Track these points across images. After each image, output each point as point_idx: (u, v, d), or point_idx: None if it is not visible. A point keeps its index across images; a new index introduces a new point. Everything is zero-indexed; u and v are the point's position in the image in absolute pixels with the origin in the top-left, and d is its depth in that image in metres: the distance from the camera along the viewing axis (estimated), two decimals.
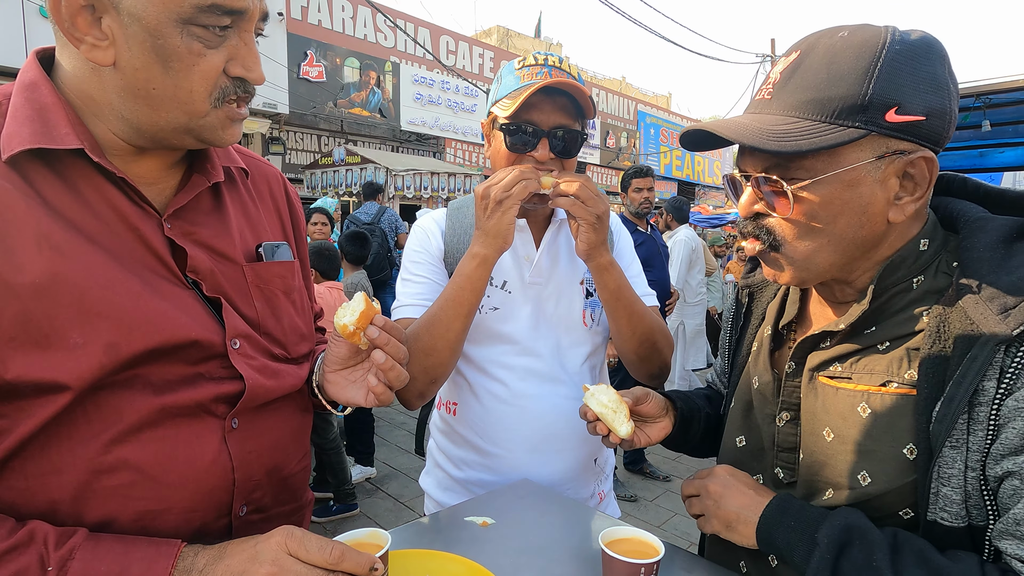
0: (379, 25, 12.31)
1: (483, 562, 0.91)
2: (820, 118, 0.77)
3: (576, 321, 1.38)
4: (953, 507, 0.73)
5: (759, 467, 0.97)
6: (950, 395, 0.73)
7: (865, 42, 0.76)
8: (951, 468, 0.73)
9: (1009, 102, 3.84)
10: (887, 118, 0.75)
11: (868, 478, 0.80)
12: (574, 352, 1.37)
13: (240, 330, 0.86)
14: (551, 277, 1.37)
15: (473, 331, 1.32)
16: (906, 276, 0.83)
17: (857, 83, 0.75)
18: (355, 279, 4.25)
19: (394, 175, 9.08)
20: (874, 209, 0.80)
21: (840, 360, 0.86)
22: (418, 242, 1.39)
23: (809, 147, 0.75)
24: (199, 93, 0.75)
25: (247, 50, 0.77)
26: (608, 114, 18.47)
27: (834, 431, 0.84)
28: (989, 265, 0.76)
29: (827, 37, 0.79)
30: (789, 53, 0.82)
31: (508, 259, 1.35)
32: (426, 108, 13.19)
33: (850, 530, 0.77)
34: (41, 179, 0.74)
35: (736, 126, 0.80)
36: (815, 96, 0.77)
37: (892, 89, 0.74)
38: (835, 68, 0.76)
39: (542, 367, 1.33)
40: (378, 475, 4.27)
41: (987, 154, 5.50)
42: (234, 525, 0.86)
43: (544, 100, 1.21)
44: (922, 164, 0.78)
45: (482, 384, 1.33)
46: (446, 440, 1.41)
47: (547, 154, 1.23)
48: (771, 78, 0.83)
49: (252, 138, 10.71)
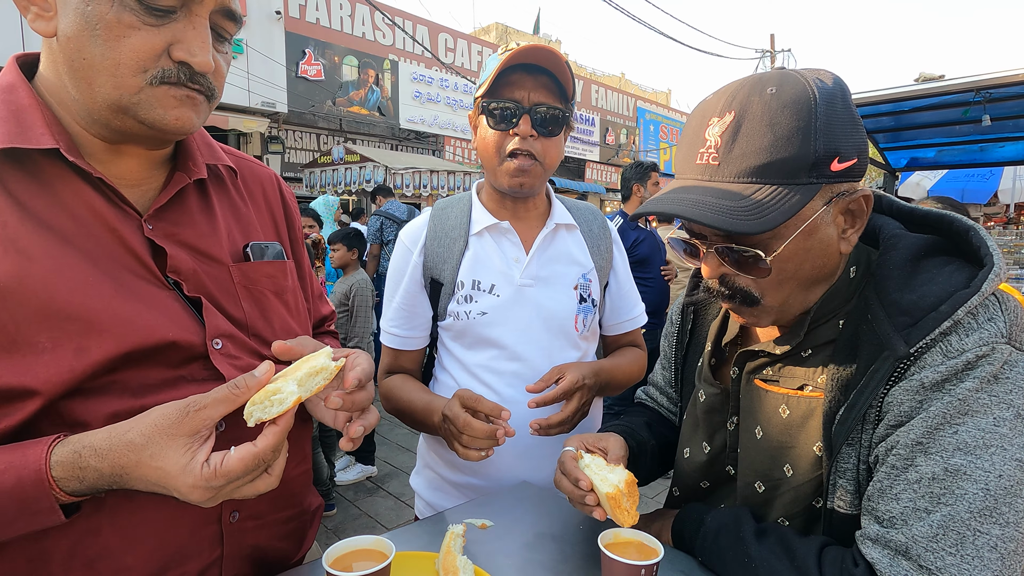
0: (377, 23, 12.28)
1: (483, 564, 0.91)
2: (777, 181, 0.79)
3: (568, 327, 1.36)
4: (847, 496, 0.83)
5: (715, 468, 1.04)
6: (852, 402, 0.81)
7: (798, 99, 0.78)
8: (846, 463, 0.83)
9: (1009, 96, 3.83)
10: (832, 168, 0.79)
11: (791, 470, 0.89)
12: (564, 357, 1.36)
13: (223, 330, 0.85)
14: (543, 280, 1.35)
15: (461, 335, 1.34)
16: (841, 304, 0.89)
17: (804, 143, 0.77)
18: (361, 277, 4.17)
19: (393, 173, 9.06)
20: (831, 248, 0.85)
21: (772, 364, 0.94)
22: (397, 260, 1.41)
23: (783, 217, 0.77)
24: (127, 67, 0.72)
25: (194, 35, 0.75)
26: (607, 111, 18.44)
27: (763, 429, 0.93)
28: (896, 283, 0.82)
29: (757, 95, 0.80)
30: (722, 114, 0.82)
31: (496, 260, 1.33)
32: (425, 106, 13.17)
33: (728, 515, 0.92)
34: (15, 181, 0.73)
35: (708, 208, 0.79)
36: (767, 160, 0.78)
37: (831, 140, 0.78)
38: (779, 130, 0.78)
39: (531, 373, 1.31)
40: (379, 474, 4.28)
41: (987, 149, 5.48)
42: (225, 532, 0.84)
43: (525, 77, 1.22)
44: (861, 200, 0.84)
45: (471, 388, 1.31)
46: (436, 442, 1.40)
47: (529, 129, 1.23)
48: (709, 141, 0.83)
49: (251, 137, 10.70)
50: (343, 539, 0.81)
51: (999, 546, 0.69)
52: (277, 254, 0.98)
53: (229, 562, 0.85)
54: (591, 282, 1.41)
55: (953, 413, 0.72)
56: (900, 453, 0.75)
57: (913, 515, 0.73)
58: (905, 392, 0.76)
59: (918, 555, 0.71)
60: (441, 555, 0.88)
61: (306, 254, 1.12)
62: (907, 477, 0.74)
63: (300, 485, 0.98)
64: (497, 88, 1.24)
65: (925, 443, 0.73)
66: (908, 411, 0.76)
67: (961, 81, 3.86)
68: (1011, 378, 0.72)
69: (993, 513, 0.69)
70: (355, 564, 0.78)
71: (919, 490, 0.73)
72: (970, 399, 0.72)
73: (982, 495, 0.70)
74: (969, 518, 0.70)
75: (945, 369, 0.73)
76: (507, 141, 1.26)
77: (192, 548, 0.81)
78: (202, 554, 0.82)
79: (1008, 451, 0.70)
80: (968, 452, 0.71)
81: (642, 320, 1.56)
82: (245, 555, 0.88)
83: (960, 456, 0.71)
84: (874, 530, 0.76)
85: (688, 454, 1.08)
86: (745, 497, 0.95)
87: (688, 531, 0.98)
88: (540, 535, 1.05)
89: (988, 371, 0.72)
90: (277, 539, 0.94)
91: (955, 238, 0.85)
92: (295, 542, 0.99)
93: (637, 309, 1.55)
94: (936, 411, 0.73)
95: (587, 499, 0.94)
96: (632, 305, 1.54)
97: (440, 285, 1.34)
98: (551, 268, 1.37)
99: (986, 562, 0.69)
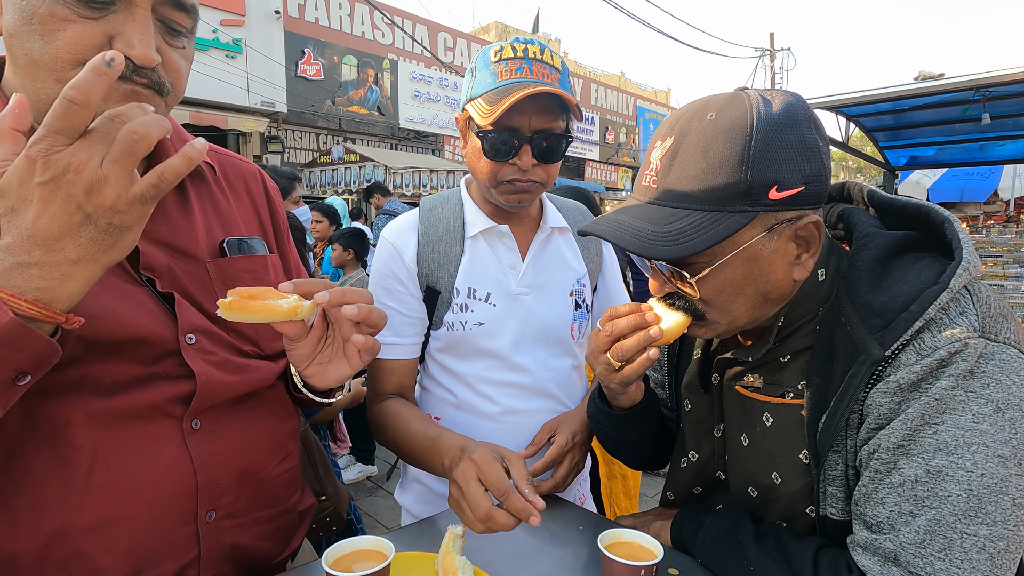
0: (376, 22, 12.27)
1: (482, 565, 0.91)
2: (707, 207, 0.78)
3: (564, 335, 1.33)
4: (838, 503, 0.82)
5: (705, 475, 1.04)
6: (833, 409, 0.80)
7: (733, 126, 0.76)
8: (834, 470, 0.82)
9: (1009, 95, 3.83)
10: (770, 196, 0.77)
11: (779, 478, 0.88)
12: (560, 364, 1.33)
13: (197, 325, 0.85)
14: (539, 287, 1.31)
15: (457, 347, 1.28)
16: (812, 308, 0.86)
17: (735, 171, 0.76)
18: (360, 277, 4.13)
19: (393, 173, 9.07)
20: (777, 274, 0.83)
21: (751, 372, 0.93)
22: (384, 263, 1.28)
23: (704, 245, 0.76)
24: (63, 61, 0.72)
25: (134, 27, 0.73)
26: (607, 110, 18.44)
27: (748, 437, 0.92)
28: (867, 284, 0.80)
29: (697, 121, 0.79)
30: (664, 138, 0.82)
31: (491, 268, 1.28)
32: (424, 105, 13.16)
33: (727, 517, 0.92)
34: None
35: (630, 232, 0.80)
36: (698, 187, 0.78)
37: (768, 169, 0.76)
38: (711, 157, 0.77)
39: (529, 381, 1.29)
40: (379, 473, 4.28)
41: (987, 147, 5.48)
42: (201, 532, 0.84)
43: (525, 103, 1.13)
44: (811, 227, 0.81)
45: (467, 399, 1.28)
46: None
47: (530, 160, 1.17)
48: (652, 163, 0.84)
49: (250, 137, 10.69)
50: (343, 539, 0.81)
51: (987, 546, 0.68)
52: (258, 248, 0.98)
53: (207, 562, 0.85)
54: (585, 287, 1.38)
55: (931, 413, 0.71)
56: (882, 457, 0.74)
57: (899, 520, 0.72)
58: (883, 394, 0.75)
59: (907, 561, 0.70)
60: (440, 556, 0.88)
61: (293, 248, 1.11)
62: (891, 481, 0.74)
63: (283, 484, 0.97)
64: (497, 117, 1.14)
65: (906, 445, 0.72)
66: (888, 413, 0.75)
67: (961, 79, 3.86)
68: (987, 371, 0.70)
69: (979, 513, 0.68)
70: (355, 565, 0.78)
71: (903, 494, 0.72)
72: (947, 397, 0.71)
73: (965, 496, 0.69)
74: (954, 520, 0.69)
75: (920, 368, 0.72)
76: (505, 169, 1.18)
77: (168, 549, 0.80)
78: (178, 555, 0.82)
79: (990, 448, 0.69)
80: (949, 452, 0.70)
81: None
82: (224, 555, 0.87)
83: (941, 457, 0.70)
84: (864, 536, 0.76)
85: (682, 463, 1.08)
86: (741, 502, 0.95)
87: (687, 533, 0.98)
88: (539, 535, 1.05)
89: (963, 367, 0.70)
90: (258, 538, 0.93)
91: (932, 230, 0.84)
92: (279, 542, 0.98)
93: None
94: (914, 412, 0.72)
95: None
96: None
97: (437, 293, 1.26)
98: (547, 275, 1.32)
99: (975, 564, 0.68)
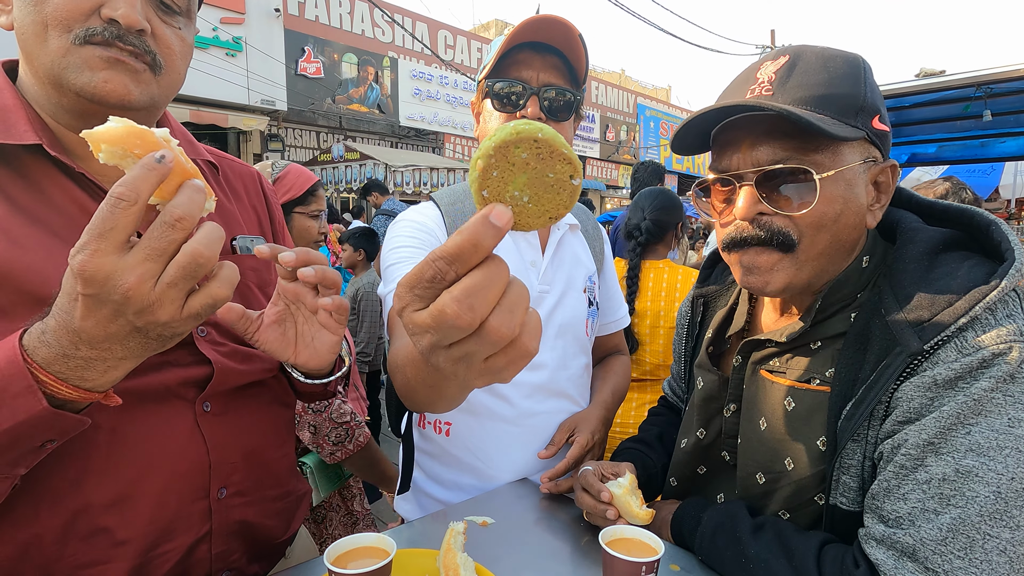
0: (376, 20, 12.24)
1: (484, 562, 0.91)
2: (830, 113, 0.79)
3: (580, 332, 1.32)
4: (850, 493, 0.82)
5: (711, 454, 1.05)
6: (860, 398, 0.79)
7: (847, 54, 0.81)
8: (851, 459, 0.81)
9: (1010, 91, 3.82)
10: (873, 124, 0.79)
11: (792, 464, 0.88)
12: (576, 363, 1.33)
13: (207, 319, 0.86)
14: (558, 285, 1.30)
15: None
16: (851, 293, 0.86)
17: (855, 85, 0.79)
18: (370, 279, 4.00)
19: (393, 171, 9.06)
20: (861, 212, 0.84)
21: (779, 356, 0.93)
22: (415, 230, 1.21)
23: (841, 133, 0.76)
24: (53, 27, 0.73)
25: None
26: (607, 107, 18.39)
27: (767, 421, 0.92)
28: (912, 276, 0.80)
29: (809, 46, 0.84)
30: (776, 57, 0.84)
31: (514, 265, 1.24)
32: (424, 103, 13.13)
33: (724, 513, 0.92)
34: (3, 177, 0.75)
35: (754, 104, 0.79)
36: (823, 92, 0.79)
37: (875, 98, 0.80)
38: (832, 70, 0.80)
39: (548, 381, 1.27)
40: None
41: (988, 144, 5.47)
42: (213, 508, 0.87)
43: (533, 56, 1.13)
44: (889, 172, 0.85)
45: (482, 403, 1.25)
46: (435, 462, 1.31)
47: (537, 111, 1.14)
48: (761, 78, 0.84)
49: (251, 135, 10.68)
50: (345, 536, 0.81)
51: (1008, 550, 0.68)
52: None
53: (218, 537, 0.88)
54: (595, 284, 1.38)
55: (967, 413, 0.70)
56: (910, 452, 0.73)
57: (921, 516, 0.71)
58: (917, 388, 0.74)
59: (925, 557, 0.70)
60: (442, 553, 0.88)
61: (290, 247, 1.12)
62: (916, 477, 0.72)
63: (283, 467, 1.01)
64: (502, 67, 1.15)
65: (937, 443, 0.71)
66: (919, 408, 0.73)
67: (962, 76, 3.85)
68: None
69: (1004, 516, 0.68)
70: (356, 562, 0.78)
71: (928, 491, 0.71)
72: (985, 399, 0.70)
73: (993, 498, 0.68)
74: (979, 521, 0.68)
75: (960, 366, 0.71)
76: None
77: (182, 523, 0.84)
78: (191, 529, 0.85)
79: (1023, 453, 0.68)
80: (981, 453, 0.69)
81: (625, 322, 1.54)
82: (233, 531, 0.91)
83: (972, 457, 0.69)
84: (879, 530, 0.75)
85: (684, 444, 1.08)
86: (746, 488, 0.95)
87: (687, 529, 0.98)
88: (541, 532, 1.05)
89: (1004, 370, 0.69)
90: (264, 516, 0.96)
91: (975, 233, 0.83)
92: (283, 521, 1.02)
93: (622, 310, 1.53)
94: (949, 410, 0.71)
95: (608, 513, 0.99)
96: (618, 306, 1.51)
97: None
98: (564, 272, 1.32)
99: (995, 566, 0.68)
